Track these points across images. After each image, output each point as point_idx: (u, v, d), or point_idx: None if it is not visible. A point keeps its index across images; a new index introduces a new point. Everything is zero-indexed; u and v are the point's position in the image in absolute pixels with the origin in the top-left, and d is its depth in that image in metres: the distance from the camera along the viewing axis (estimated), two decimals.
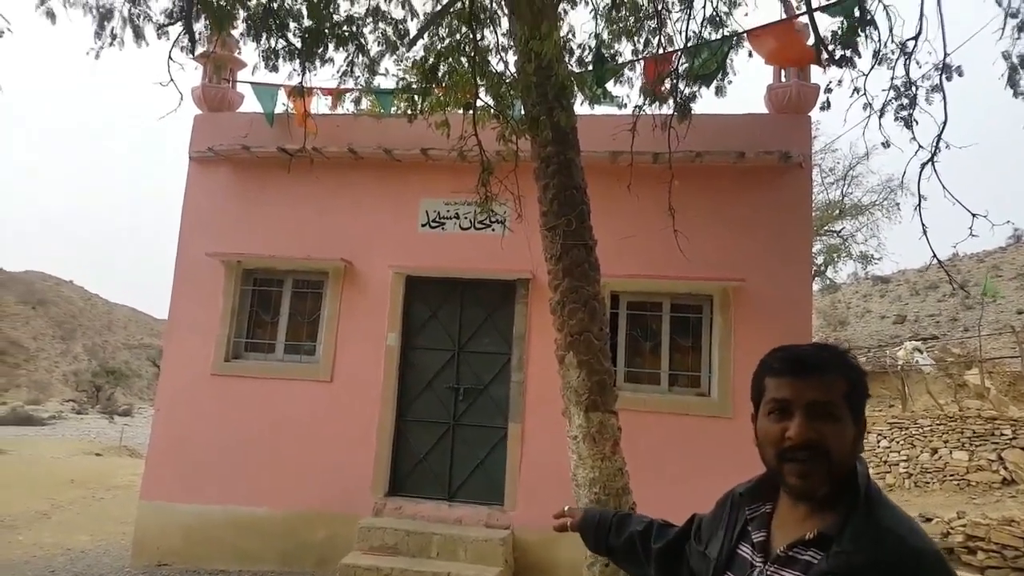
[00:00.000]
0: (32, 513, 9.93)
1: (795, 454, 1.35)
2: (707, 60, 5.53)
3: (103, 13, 5.29)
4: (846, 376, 1.38)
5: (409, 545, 6.61)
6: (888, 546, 1.25)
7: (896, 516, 1.32)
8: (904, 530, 1.29)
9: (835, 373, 1.38)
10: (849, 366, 1.40)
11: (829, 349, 1.44)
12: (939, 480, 17.11)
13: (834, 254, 29.40)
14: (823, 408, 1.35)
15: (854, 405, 1.37)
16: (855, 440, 1.37)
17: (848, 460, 1.35)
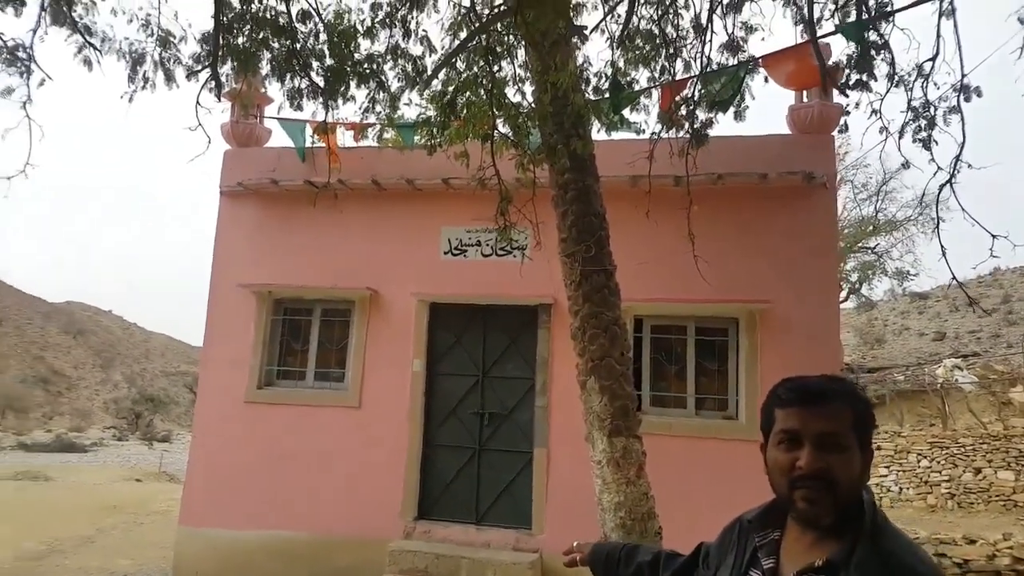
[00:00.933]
0: (77, 538, 10.17)
1: (805, 483, 1.39)
2: (724, 86, 5.59)
3: (135, 58, 5.53)
4: (852, 407, 1.43)
5: (439, 568, 6.67)
6: (894, 573, 1.29)
7: (902, 544, 1.36)
8: (910, 558, 1.32)
9: (842, 403, 1.42)
10: (855, 397, 1.45)
11: (836, 380, 1.48)
12: (984, 501, 16.70)
13: (869, 271, 28.97)
14: (831, 439, 1.40)
15: (861, 435, 1.42)
16: (862, 469, 1.41)
17: (855, 489, 1.40)
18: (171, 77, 5.65)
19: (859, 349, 37.14)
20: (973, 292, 41.16)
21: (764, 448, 1.52)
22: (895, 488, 18.04)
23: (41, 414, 54.73)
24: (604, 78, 5.99)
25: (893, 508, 17.61)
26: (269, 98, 8.51)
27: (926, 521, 16.12)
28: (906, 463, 18.15)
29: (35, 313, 70.37)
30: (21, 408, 52.14)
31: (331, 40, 5.52)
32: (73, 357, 68.02)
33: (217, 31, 5.28)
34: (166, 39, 5.57)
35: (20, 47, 5.54)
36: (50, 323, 70.28)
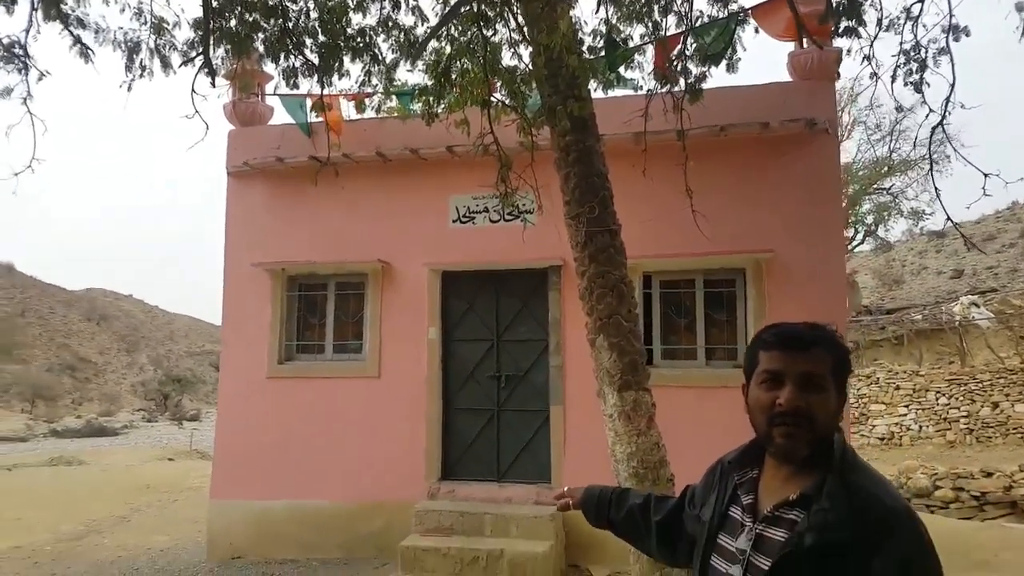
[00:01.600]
0: (113, 518, 10.53)
1: (784, 419, 1.50)
2: (715, 39, 5.59)
3: (131, 47, 5.61)
4: (832, 352, 1.53)
5: (464, 525, 6.89)
6: (860, 502, 1.39)
7: (869, 476, 1.46)
8: (876, 488, 1.43)
9: (823, 349, 1.52)
10: (835, 344, 1.55)
11: (819, 328, 1.58)
12: (1002, 434, 16.84)
13: (884, 212, 28.75)
14: (811, 379, 1.50)
15: (838, 378, 1.52)
16: (837, 409, 1.52)
17: (830, 427, 1.50)
18: (167, 64, 5.72)
19: (878, 291, 36.99)
20: (992, 227, 40.86)
21: (746, 389, 1.62)
22: (915, 426, 18.21)
23: (70, 401, 55.82)
24: (598, 36, 5.99)
25: (913, 446, 17.78)
26: (268, 75, 8.55)
27: (945, 457, 16.28)
28: (925, 401, 18.29)
29: (56, 302, 71.35)
30: (50, 396, 53.17)
31: (322, 17, 5.56)
32: (98, 343, 69.07)
33: (207, 17, 5.34)
34: (160, 26, 5.63)
35: (16, 44, 5.62)
36: (72, 311, 71.28)
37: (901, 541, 1.35)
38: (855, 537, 1.35)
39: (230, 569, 7.48)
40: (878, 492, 1.42)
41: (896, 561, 1.33)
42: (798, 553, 1.40)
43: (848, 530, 1.36)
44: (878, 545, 1.34)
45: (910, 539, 1.36)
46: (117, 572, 7.55)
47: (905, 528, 1.37)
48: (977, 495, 12.19)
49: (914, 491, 12.70)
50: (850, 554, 1.35)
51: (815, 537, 1.38)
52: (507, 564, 6.36)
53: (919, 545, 1.37)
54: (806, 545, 1.39)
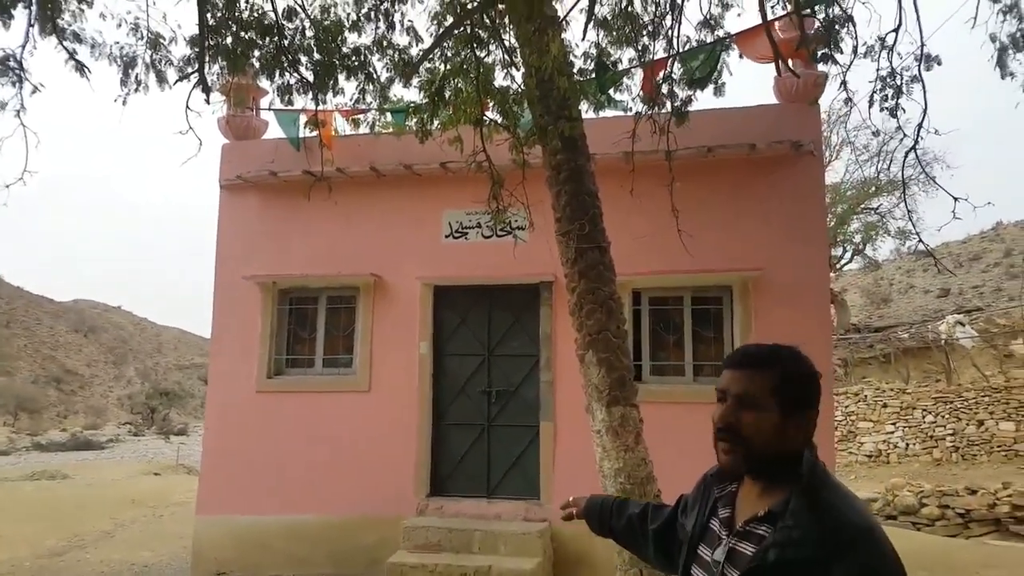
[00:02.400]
0: (97, 533, 10.44)
1: (718, 435, 1.58)
2: (701, 64, 5.71)
3: (127, 62, 5.67)
4: (779, 372, 1.55)
5: (452, 541, 6.90)
6: (825, 520, 1.42)
7: (837, 493, 1.49)
8: (842, 505, 1.45)
9: (766, 368, 1.56)
10: (783, 364, 1.57)
11: (775, 348, 1.61)
12: (986, 452, 16.96)
13: (872, 231, 29.00)
14: (748, 399, 1.55)
15: (784, 397, 1.53)
16: (780, 429, 1.53)
17: (769, 445, 1.53)
18: (163, 78, 5.79)
19: (866, 309, 37.25)
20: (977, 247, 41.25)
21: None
22: (902, 444, 18.31)
23: (55, 413, 55.31)
24: (588, 59, 6.10)
25: (900, 463, 17.87)
26: (263, 90, 8.61)
27: (932, 474, 16.38)
28: (912, 419, 18.40)
29: (43, 313, 70.83)
30: (35, 409, 52.69)
31: (318, 35, 5.64)
32: (85, 355, 68.55)
33: (202, 35, 5.40)
34: (156, 41, 5.69)
35: (10, 57, 5.67)
36: (59, 322, 70.75)
37: (861, 554, 1.36)
38: (817, 554, 1.38)
39: None
40: (843, 509, 1.44)
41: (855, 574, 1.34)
42: (763, 568, 1.43)
43: (811, 547, 1.39)
44: (840, 560, 1.35)
45: (871, 553, 1.38)
46: None
47: (867, 543, 1.38)
48: (962, 512, 12.29)
49: (900, 508, 12.80)
50: (813, 570, 1.37)
51: (778, 553, 1.41)
52: None
53: (880, 560, 1.38)
54: (770, 561, 1.42)
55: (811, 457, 1.53)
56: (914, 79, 5.01)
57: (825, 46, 4.94)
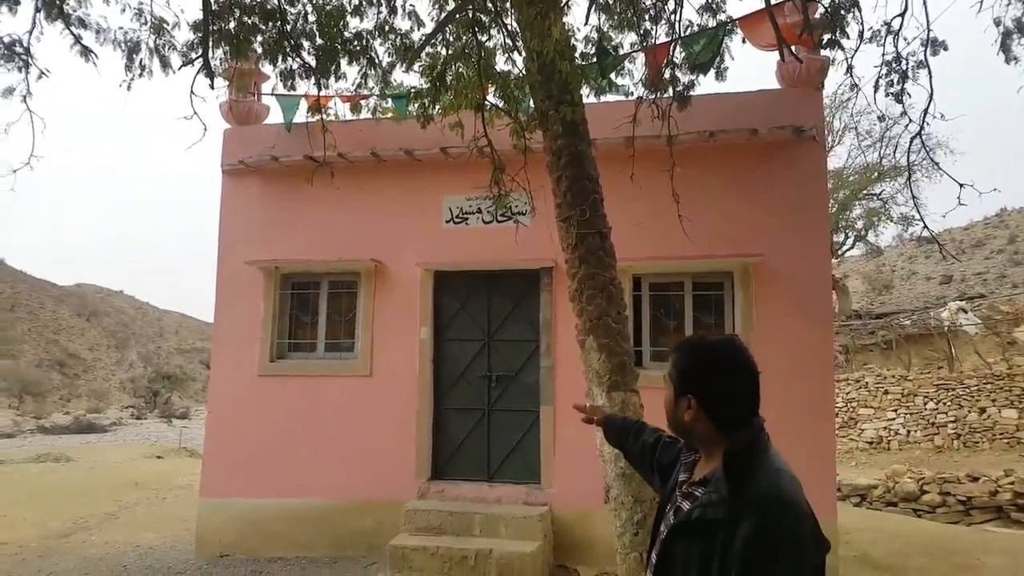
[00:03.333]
0: (102, 515, 10.52)
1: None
2: (704, 48, 5.68)
3: (131, 47, 5.66)
4: (675, 359, 1.92)
5: (453, 525, 6.95)
6: (738, 489, 1.67)
7: (760, 468, 1.71)
8: (758, 478, 1.68)
9: (675, 355, 1.93)
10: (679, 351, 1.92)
11: (688, 339, 2.00)
12: (988, 439, 16.99)
13: (874, 218, 28.93)
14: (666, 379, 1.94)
15: (675, 382, 1.89)
16: (672, 407, 1.89)
17: (672, 420, 1.91)
18: (167, 63, 5.79)
19: (868, 295, 37.26)
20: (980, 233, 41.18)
21: None
22: (903, 431, 18.33)
23: (59, 397, 55.60)
24: (590, 43, 6.07)
25: (902, 450, 17.92)
26: (265, 75, 8.59)
27: (933, 461, 16.43)
28: (913, 406, 18.42)
29: (47, 297, 71.01)
30: (39, 392, 52.94)
31: (320, 20, 5.63)
32: (87, 339, 68.80)
33: (207, 19, 5.40)
34: (160, 26, 5.69)
35: (16, 43, 5.66)
36: (62, 306, 70.95)
37: (759, 516, 1.59)
38: (728, 515, 1.64)
39: (218, 567, 7.51)
40: (757, 480, 1.68)
41: (749, 532, 1.58)
42: (688, 523, 1.74)
43: (723, 509, 1.66)
44: (743, 520, 1.60)
45: (769, 515, 1.60)
46: (105, 569, 7.57)
47: (769, 508, 1.61)
48: (963, 500, 12.33)
49: (901, 495, 12.85)
50: (722, 527, 1.63)
51: (699, 513, 1.72)
52: (495, 564, 6.42)
53: (775, 521, 1.59)
54: (693, 518, 1.73)
55: (747, 435, 1.77)
56: (920, 64, 4.99)
57: (830, 31, 4.91)
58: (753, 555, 1.57)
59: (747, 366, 1.82)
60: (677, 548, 1.75)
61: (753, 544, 1.58)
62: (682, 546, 1.74)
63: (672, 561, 1.76)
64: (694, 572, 1.68)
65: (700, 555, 1.67)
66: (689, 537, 1.72)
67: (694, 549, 1.69)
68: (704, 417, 1.81)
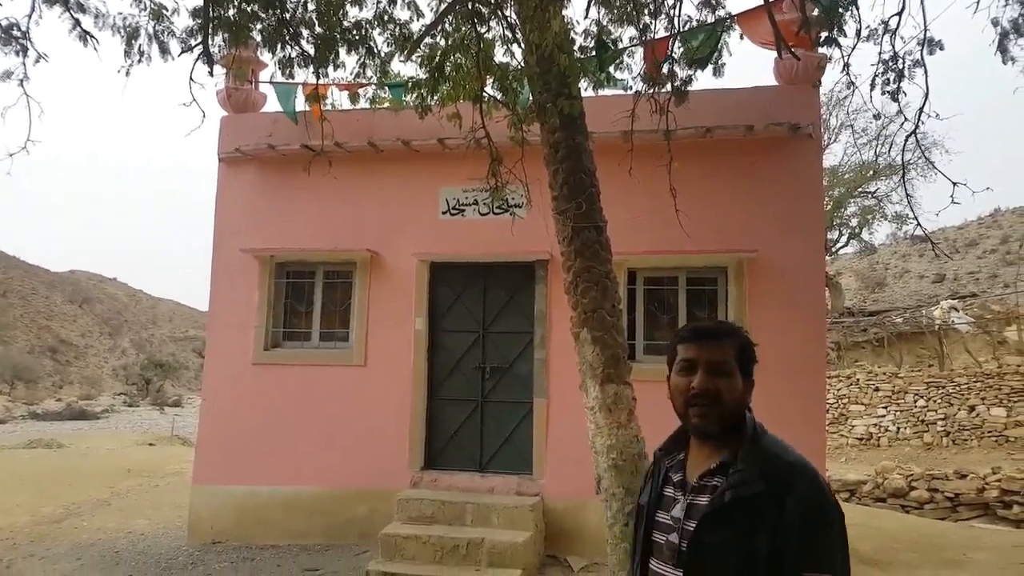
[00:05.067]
0: (94, 501, 10.52)
1: (697, 400, 1.76)
2: (702, 44, 5.70)
3: (130, 33, 5.65)
4: (736, 342, 1.80)
5: (445, 514, 6.99)
6: (770, 462, 1.68)
7: (776, 443, 1.74)
8: (781, 451, 1.72)
9: (728, 340, 1.81)
10: (739, 336, 1.83)
11: (725, 324, 1.90)
12: (977, 437, 17.10)
13: (868, 216, 29.02)
14: (719, 366, 1.76)
15: (743, 364, 1.79)
16: (744, 391, 1.78)
17: (738, 406, 1.77)
18: (166, 50, 5.77)
19: (860, 293, 37.34)
20: (974, 233, 41.30)
21: (668, 378, 1.87)
22: (893, 427, 18.45)
23: (51, 383, 55.41)
24: (589, 37, 6.09)
25: (891, 447, 18.03)
26: (263, 63, 8.57)
27: (922, 458, 16.54)
28: (903, 403, 18.54)
29: (39, 283, 70.68)
30: (30, 378, 52.75)
31: (319, 9, 5.63)
32: (80, 326, 68.54)
33: (206, 6, 5.39)
34: (159, 12, 5.67)
35: (15, 26, 5.65)
36: (55, 292, 70.64)
37: (802, 487, 1.62)
38: (768, 488, 1.63)
39: (210, 553, 7.53)
40: (781, 453, 1.71)
41: (800, 499, 1.60)
42: (722, 508, 1.67)
43: (760, 484, 1.64)
44: (786, 490, 1.62)
45: (811, 486, 1.63)
46: (97, 554, 7.59)
47: (807, 477, 1.65)
48: (951, 496, 12.44)
49: (890, 491, 12.95)
50: (765, 502, 1.63)
51: (734, 493, 1.66)
52: (487, 553, 6.47)
53: (819, 491, 1.64)
54: (727, 501, 1.67)
55: (751, 417, 1.79)
56: (916, 63, 5.02)
57: (828, 29, 4.94)
58: (812, 527, 1.60)
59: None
60: (710, 538, 1.69)
61: (809, 515, 1.61)
62: (717, 534, 1.68)
63: (705, 553, 1.69)
64: (731, 558, 1.65)
65: (738, 537, 1.64)
66: (725, 522, 1.67)
67: (729, 533, 1.65)
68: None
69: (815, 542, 1.60)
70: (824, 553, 1.61)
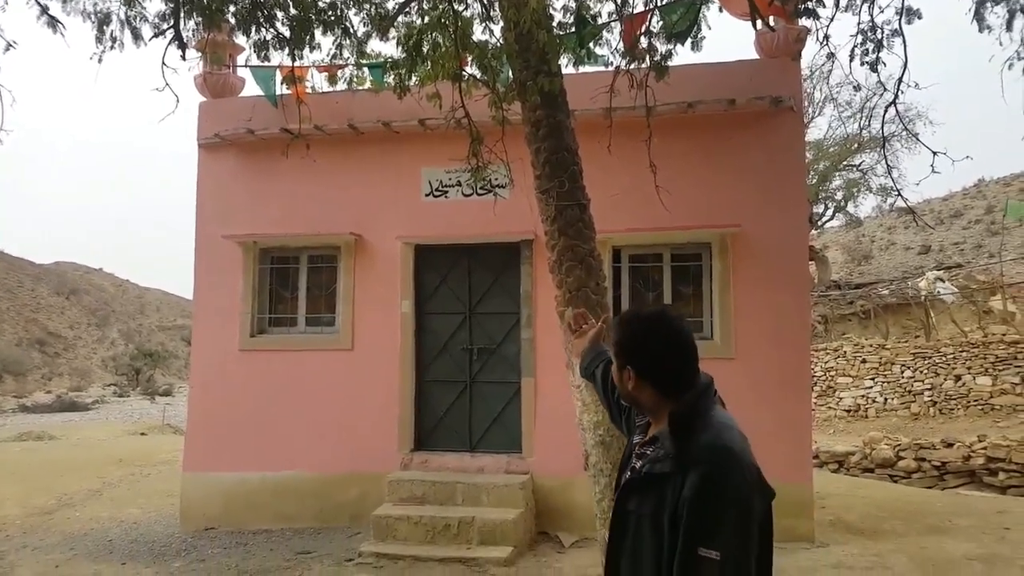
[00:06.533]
0: (85, 491, 10.49)
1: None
2: (681, 17, 5.67)
3: (101, 18, 5.56)
4: (614, 333, 2.04)
5: (436, 494, 7.03)
6: (682, 443, 1.79)
7: (705, 423, 1.83)
8: (702, 432, 1.80)
9: (612, 329, 2.06)
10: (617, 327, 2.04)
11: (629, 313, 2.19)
12: (963, 406, 17.27)
13: (854, 188, 29.13)
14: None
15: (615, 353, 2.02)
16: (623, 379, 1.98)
17: (621, 393, 2.04)
18: (139, 35, 5.69)
19: (847, 266, 37.50)
20: (958, 204, 41.50)
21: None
22: (881, 398, 18.62)
23: (40, 376, 55.13)
24: (568, 13, 6.04)
25: (879, 417, 18.20)
26: (240, 47, 8.46)
27: (909, 428, 16.72)
28: (891, 374, 18.69)
29: (24, 276, 70.09)
30: (19, 371, 52.45)
31: None
32: (67, 317, 68.10)
33: None
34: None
35: None
36: (41, 285, 70.08)
37: (703, 466, 1.71)
38: (674, 468, 1.76)
39: (203, 540, 7.54)
40: (700, 434, 1.79)
41: (698, 477, 1.69)
42: (639, 479, 1.87)
43: (670, 463, 1.78)
44: (690, 472, 1.72)
45: (713, 465, 1.72)
46: (90, 544, 7.59)
47: (712, 459, 1.72)
48: (938, 465, 12.57)
49: (878, 461, 13.07)
50: (669, 481, 1.76)
51: (648, 468, 1.84)
52: (477, 531, 6.52)
53: (719, 470, 1.71)
54: (643, 473, 1.86)
55: (690, 397, 1.87)
56: (895, 33, 5.01)
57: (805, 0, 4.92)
58: (700, 503, 1.67)
59: (677, 333, 1.93)
60: (630, 504, 1.86)
61: (700, 493, 1.68)
62: (634, 502, 1.85)
63: (626, 517, 1.86)
64: (646, 527, 1.79)
65: (651, 510, 1.78)
66: (640, 492, 1.83)
67: (646, 505, 1.80)
68: (645, 385, 1.93)
69: (705, 519, 1.67)
70: (713, 530, 1.66)
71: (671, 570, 1.69)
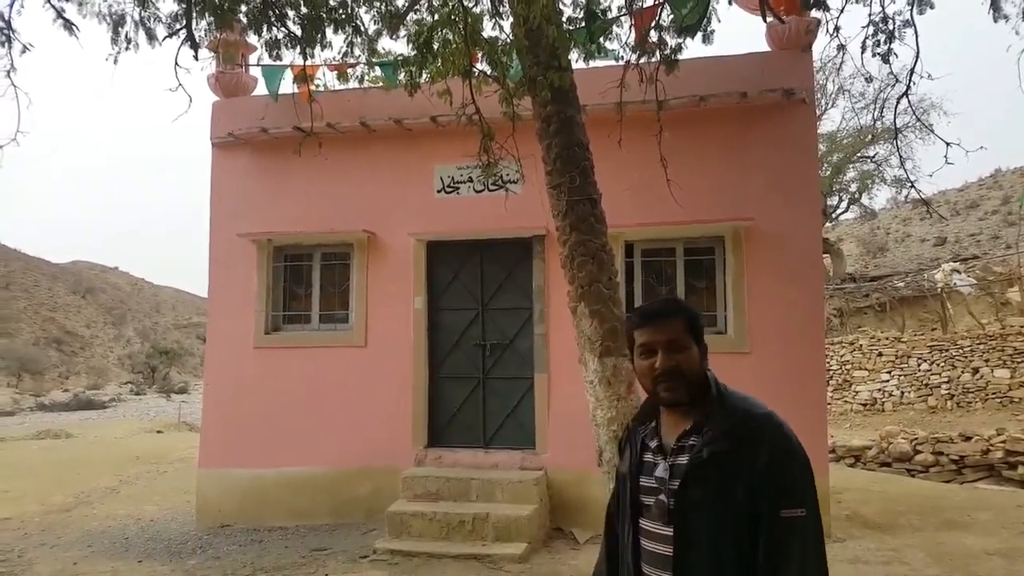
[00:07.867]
0: (103, 489, 10.61)
1: (663, 379, 1.89)
2: (691, 10, 5.64)
3: (116, 20, 5.60)
4: (684, 317, 1.93)
5: (450, 490, 7.04)
6: (739, 416, 1.82)
7: (742, 399, 1.88)
8: (748, 405, 1.85)
9: (675, 317, 1.93)
10: (685, 310, 1.96)
11: (671, 301, 2.04)
12: (981, 399, 17.12)
13: (868, 180, 28.86)
14: (674, 343, 1.89)
15: (695, 335, 1.92)
16: (700, 359, 1.91)
17: (698, 374, 1.90)
18: (153, 36, 5.72)
19: (862, 258, 37.26)
20: (975, 194, 41.15)
21: (632, 360, 2.01)
22: (897, 392, 18.47)
23: (57, 374, 55.75)
24: (578, 7, 6.02)
25: (896, 411, 18.07)
26: (252, 46, 8.49)
27: (926, 422, 16.58)
28: (907, 367, 18.53)
29: (41, 275, 70.85)
30: (37, 370, 53.05)
31: None
32: (84, 316, 68.80)
33: None
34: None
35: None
36: (58, 284, 70.80)
37: (770, 435, 1.78)
38: (739, 443, 1.77)
39: (219, 537, 7.60)
40: (747, 408, 1.84)
41: (770, 447, 1.75)
42: (701, 464, 1.79)
43: (732, 439, 1.78)
44: (757, 442, 1.76)
45: (776, 433, 1.79)
46: (107, 541, 7.66)
47: (772, 428, 1.79)
48: (956, 459, 12.46)
49: (895, 455, 12.97)
50: (738, 455, 1.76)
51: (710, 450, 1.79)
52: (492, 527, 6.52)
53: (785, 439, 1.79)
54: (704, 457, 1.79)
55: (713, 378, 1.92)
56: (907, 23, 4.96)
57: None
58: (778, 469, 1.74)
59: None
60: (694, 493, 1.81)
61: (779, 454, 1.76)
62: (698, 489, 1.81)
63: (691, 508, 1.81)
64: (715, 511, 1.77)
65: (719, 490, 1.77)
66: (705, 478, 1.79)
67: (710, 487, 1.78)
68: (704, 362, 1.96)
69: (787, 482, 1.75)
70: (797, 490, 1.75)
71: (755, 543, 1.73)
